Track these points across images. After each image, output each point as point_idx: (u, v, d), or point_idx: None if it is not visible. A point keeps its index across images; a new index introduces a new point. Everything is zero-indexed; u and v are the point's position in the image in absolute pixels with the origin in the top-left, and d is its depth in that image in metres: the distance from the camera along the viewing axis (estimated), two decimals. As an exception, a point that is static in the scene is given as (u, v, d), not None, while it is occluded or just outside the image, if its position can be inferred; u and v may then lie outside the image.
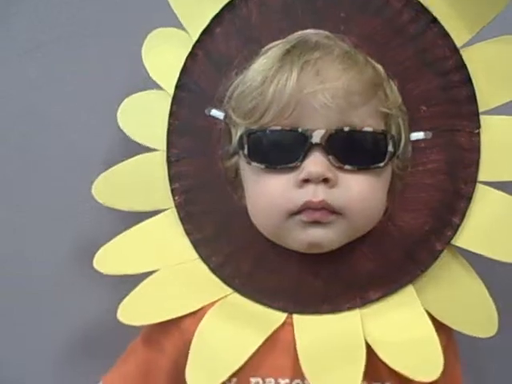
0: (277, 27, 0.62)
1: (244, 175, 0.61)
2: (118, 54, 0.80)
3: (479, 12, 0.61)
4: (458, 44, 0.61)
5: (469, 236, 0.60)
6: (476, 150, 0.61)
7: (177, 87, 0.66)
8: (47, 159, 0.81)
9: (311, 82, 0.55)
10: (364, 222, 0.58)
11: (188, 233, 0.65)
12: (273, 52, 0.58)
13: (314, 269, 0.61)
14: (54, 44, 0.81)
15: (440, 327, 0.59)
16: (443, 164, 0.61)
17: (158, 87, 0.68)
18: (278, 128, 0.56)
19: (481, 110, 0.61)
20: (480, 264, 0.61)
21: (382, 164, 0.57)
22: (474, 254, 0.60)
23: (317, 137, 0.55)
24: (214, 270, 0.63)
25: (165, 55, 0.68)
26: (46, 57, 0.81)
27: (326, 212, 0.56)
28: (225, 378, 0.57)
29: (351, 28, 0.61)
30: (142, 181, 0.67)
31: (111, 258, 0.66)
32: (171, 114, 0.66)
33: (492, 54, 0.61)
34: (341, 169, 0.56)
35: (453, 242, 0.60)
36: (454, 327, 0.60)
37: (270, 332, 0.59)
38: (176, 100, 0.66)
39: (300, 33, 0.61)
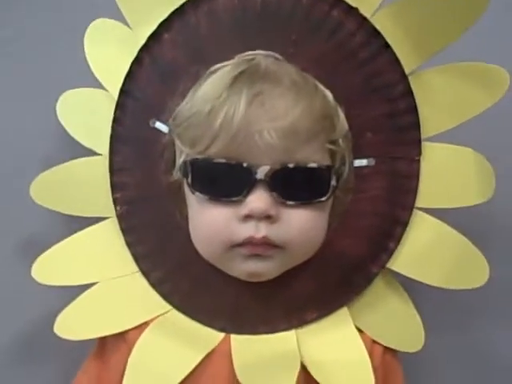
0: (226, 44, 0.61)
1: (188, 199, 0.60)
2: (55, 45, 0.76)
3: (432, 40, 0.61)
4: (407, 70, 0.61)
5: (402, 260, 0.63)
6: (415, 176, 0.62)
7: (121, 92, 0.64)
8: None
9: (258, 118, 0.54)
10: (304, 252, 0.59)
11: (129, 245, 0.64)
12: (221, 77, 0.56)
13: (252, 292, 0.61)
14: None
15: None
16: (384, 191, 0.62)
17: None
18: (223, 161, 0.55)
19: (423, 136, 0.62)
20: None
21: (324, 198, 0.57)
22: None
23: (261, 173, 0.55)
24: (153, 285, 0.63)
25: (109, 52, 0.65)
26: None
27: (267, 247, 0.56)
28: None
29: (301, 51, 0.60)
30: (84, 184, 0.65)
31: (50, 268, 0.64)
32: (115, 120, 0.64)
33: (437, 81, 0.62)
34: (283, 204, 0.56)
35: (387, 265, 0.62)
36: (386, 344, 0.63)
37: (207, 351, 0.60)
38: (120, 106, 0.64)
39: (249, 54, 0.59)
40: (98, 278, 0.64)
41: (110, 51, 0.65)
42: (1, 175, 0.76)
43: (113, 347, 0.63)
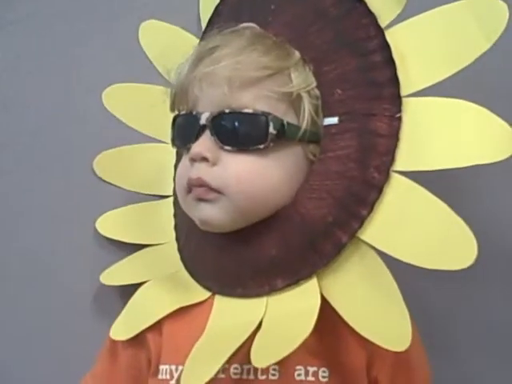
0: (229, 22, 0.65)
1: None
2: (89, 34, 0.82)
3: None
4: (383, 23, 0.57)
5: (375, 230, 0.55)
6: (394, 136, 0.55)
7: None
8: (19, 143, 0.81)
9: (199, 68, 0.59)
10: (250, 202, 0.58)
11: (174, 215, 0.73)
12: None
13: (227, 250, 0.62)
14: (20, 23, 0.81)
15: None
16: (354, 151, 0.56)
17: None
18: (183, 112, 0.61)
19: (406, 91, 0.55)
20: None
21: (262, 146, 0.56)
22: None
23: (203, 119, 0.58)
24: (179, 250, 0.70)
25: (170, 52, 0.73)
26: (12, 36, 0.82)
27: (206, 190, 0.58)
28: (133, 334, 0.63)
29: (276, 18, 0.62)
30: (149, 165, 0.77)
31: (114, 225, 0.76)
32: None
33: (420, 32, 0.56)
34: (223, 149, 0.58)
35: (358, 234, 0.55)
36: (360, 331, 0.53)
37: (184, 303, 0.62)
38: None
39: (234, 28, 0.63)
40: (148, 241, 0.74)
41: (169, 50, 0.74)
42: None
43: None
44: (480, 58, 0.53)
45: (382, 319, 0.54)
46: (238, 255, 0.62)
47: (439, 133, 0.53)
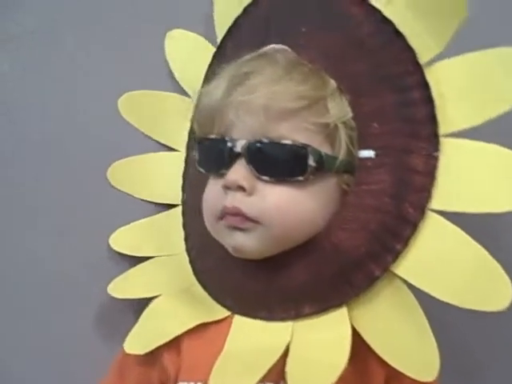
0: (255, 38, 0.65)
1: None
2: (97, 48, 0.80)
3: (443, 25, 0.55)
4: (422, 60, 0.57)
5: (410, 265, 0.56)
6: (431, 174, 0.56)
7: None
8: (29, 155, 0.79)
9: (236, 93, 0.58)
10: (286, 232, 0.58)
11: (184, 226, 0.73)
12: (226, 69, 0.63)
13: (253, 273, 0.63)
14: (27, 36, 0.79)
15: None
16: (389, 185, 0.57)
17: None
18: (212, 137, 0.61)
19: (443, 131, 0.56)
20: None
21: (301, 178, 0.57)
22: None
23: (239, 147, 0.58)
24: (190, 262, 0.70)
25: (189, 60, 0.76)
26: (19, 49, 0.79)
27: (242, 219, 0.58)
28: (150, 348, 0.62)
29: (310, 43, 0.62)
30: (160, 174, 0.76)
31: (125, 239, 0.75)
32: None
33: (460, 72, 0.56)
34: (260, 179, 0.58)
35: (392, 268, 0.57)
36: (388, 360, 0.56)
37: (203, 320, 0.62)
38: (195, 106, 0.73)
39: (264, 48, 0.63)
40: (158, 253, 0.73)
41: (190, 59, 0.75)
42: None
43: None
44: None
45: (411, 350, 0.56)
46: (266, 280, 0.62)
47: (476, 176, 0.55)
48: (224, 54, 0.72)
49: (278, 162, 0.58)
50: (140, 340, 0.65)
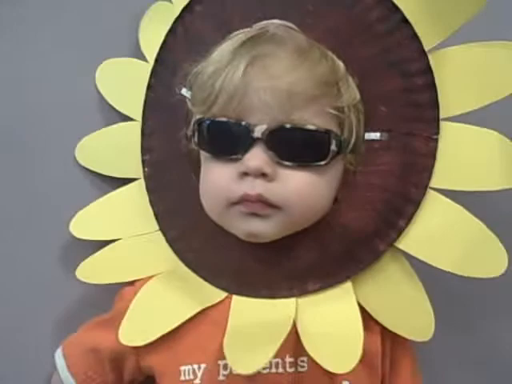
0: (248, 14, 0.63)
1: (201, 159, 0.63)
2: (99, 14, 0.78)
3: (451, 16, 0.59)
4: (427, 47, 0.60)
5: (412, 240, 0.61)
6: (431, 155, 0.60)
7: (156, 61, 0.70)
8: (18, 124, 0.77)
9: (256, 78, 0.56)
10: (303, 216, 0.60)
11: (152, 204, 0.69)
12: (231, 42, 0.60)
13: (256, 253, 0.63)
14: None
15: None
16: (395, 167, 0.61)
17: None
18: (224, 119, 0.58)
19: (443, 115, 0.60)
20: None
21: (323, 162, 0.58)
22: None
23: (258, 132, 0.57)
24: (169, 243, 0.67)
25: (157, 28, 0.71)
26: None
27: (262, 205, 0.57)
28: (152, 339, 0.61)
29: (317, 22, 0.61)
30: (120, 148, 0.72)
31: (85, 224, 0.71)
32: (149, 87, 0.70)
33: (460, 61, 0.60)
34: (280, 164, 0.57)
35: (396, 244, 0.61)
36: (388, 326, 0.62)
37: (204, 306, 0.62)
38: (154, 74, 0.70)
39: (264, 23, 0.61)
40: (124, 235, 0.69)
41: (157, 30, 0.70)
42: (46, 140, 0.77)
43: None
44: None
45: (410, 316, 0.61)
46: (269, 260, 0.63)
47: (473, 157, 0.60)
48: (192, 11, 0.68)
49: (301, 148, 0.58)
50: (137, 331, 0.63)
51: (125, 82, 0.73)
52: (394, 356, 0.64)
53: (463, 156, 0.60)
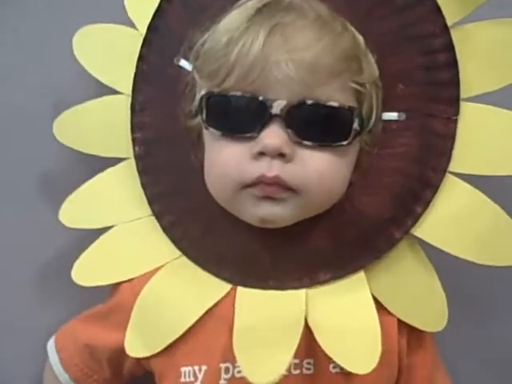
0: None
1: (204, 138, 0.58)
2: None
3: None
4: (450, 22, 0.56)
5: (429, 227, 0.57)
6: (451, 137, 0.57)
7: (149, 29, 0.63)
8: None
9: (277, 49, 0.51)
10: (321, 200, 0.55)
11: (144, 186, 0.62)
12: (243, 9, 0.54)
13: (263, 241, 0.58)
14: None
15: None
16: (414, 149, 0.57)
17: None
18: (239, 94, 0.52)
19: (463, 95, 0.57)
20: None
21: (345, 142, 0.53)
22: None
23: (277, 108, 0.52)
24: (164, 229, 0.61)
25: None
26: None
27: (279, 188, 0.53)
28: (161, 347, 0.57)
29: None
30: (105, 124, 0.65)
31: (73, 211, 0.65)
32: (140, 57, 0.63)
33: (484, 38, 0.57)
34: (299, 144, 0.53)
35: (412, 231, 0.57)
36: (401, 317, 0.58)
37: (211, 303, 0.58)
38: (146, 43, 0.63)
39: None
40: (115, 222, 0.63)
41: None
42: (19, 115, 0.72)
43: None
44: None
45: (424, 306, 0.58)
46: (277, 247, 0.58)
47: (493, 140, 0.57)
48: None
49: (323, 126, 0.53)
50: (144, 341, 0.58)
51: (107, 50, 0.66)
52: (411, 353, 0.60)
53: (483, 139, 0.57)
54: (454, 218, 0.57)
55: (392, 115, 0.57)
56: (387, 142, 0.57)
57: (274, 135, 0.52)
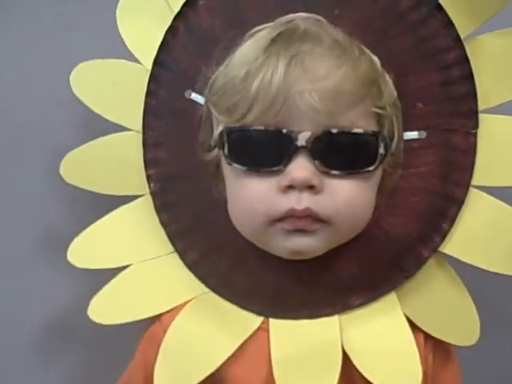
0: (265, 7, 0.57)
1: (225, 173, 0.56)
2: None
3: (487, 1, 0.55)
4: (462, 35, 0.56)
5: (457, 243, 0.57)
6: (472, 151, 0.57)
7: (155, 63, 0.61)
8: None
9: (298, 79, 0.50)
10: (351, 228, 0.55)
11: (163, 224, 0.61)
12: (257, 40, 0.53)
13: (295, 273, 0.57)
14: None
15: None
16: (436, 166, 0.57)
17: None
18: (262, 128, 0.51)
19: (481, 107, 0.57)
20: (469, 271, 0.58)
21: (372, 168, 0.52)
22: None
23: (302, 139, 0.50)
24: (189, 266, 0.60)
25: (142, 23, 0.62)
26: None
27: (310, 220, 0.52)
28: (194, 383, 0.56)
29: (346, 14, 0.56)
30: (116, 161, 0.63)
31: (84, 251, 0.62)
32: (148, 93, 0.61)
33: (498, 47, 0.56)
34: (327, 174, 0.51)
35: (440, 248, 0.57)
36: (435, 335, 0.58)
37: (244, 337, 0.57)
38: (153, 78, 0.61)
39: (289, 16, 0.55)
40: (132, 261, 0.61)
41: (144, 22, 0.62)
42: (22, 159, 0.73)
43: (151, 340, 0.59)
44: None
45: (456, 322, 0.58)
46: (309, 277, 0.58)
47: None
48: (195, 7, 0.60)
49: (349, 154, 0.52)
50: (177, 378, 0.56)
51: (109, 86, 0.63)
52: (438, 367, 0.59)
53: (505, 149, 0.57)
54: (481, 232, 0.57)
55: (413, 134, 0.56)
56: (410, 162, 0.57)
57: (301, 168, 0.51)
